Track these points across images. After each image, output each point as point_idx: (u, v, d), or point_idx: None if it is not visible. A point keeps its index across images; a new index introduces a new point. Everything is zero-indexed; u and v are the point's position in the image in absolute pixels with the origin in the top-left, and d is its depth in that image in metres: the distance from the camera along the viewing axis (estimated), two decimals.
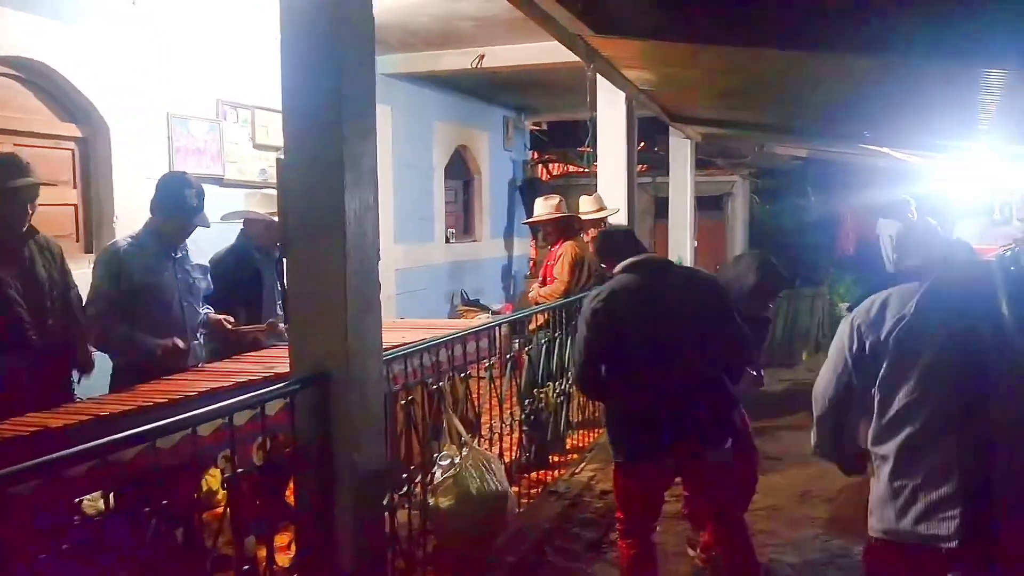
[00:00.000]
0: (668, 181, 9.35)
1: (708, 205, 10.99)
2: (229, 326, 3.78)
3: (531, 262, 11.24)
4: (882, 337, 2.06)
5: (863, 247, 11.50)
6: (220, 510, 4.11)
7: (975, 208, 7.35)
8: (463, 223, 9.83)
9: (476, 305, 9.01)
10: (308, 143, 2.60)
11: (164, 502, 2.17)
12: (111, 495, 2.91)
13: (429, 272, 8.55)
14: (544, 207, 5.55)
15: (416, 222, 8.25)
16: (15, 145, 4.15)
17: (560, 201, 5.55)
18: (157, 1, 4.74)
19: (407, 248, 8.01)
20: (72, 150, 4.57)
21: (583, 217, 5.77)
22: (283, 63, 2.57)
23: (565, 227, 5.49)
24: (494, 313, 8.83)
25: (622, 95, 6.21)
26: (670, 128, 8.76)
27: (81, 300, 3.35)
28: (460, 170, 9.64)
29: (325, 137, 2.55)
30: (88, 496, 2.89)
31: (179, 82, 4.99)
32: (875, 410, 2.07)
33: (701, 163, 10.08)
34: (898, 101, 4.27)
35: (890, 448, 2.05)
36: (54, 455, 1.81)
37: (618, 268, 3.19)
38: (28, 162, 3.13)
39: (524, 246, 11.25)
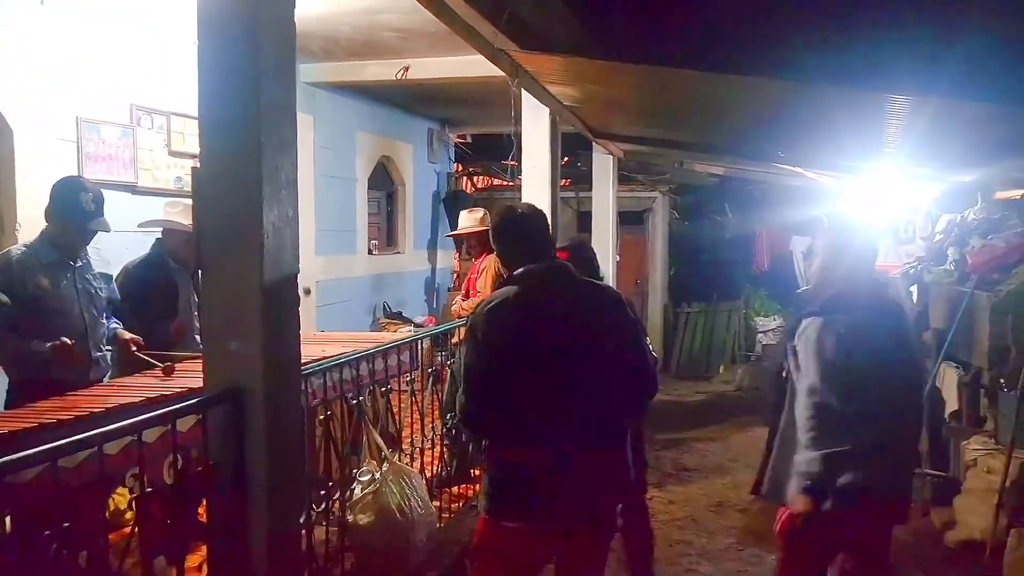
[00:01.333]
0: (591, 196, 9.49)
1: (630, 220, 11.20)
2: (135, 348, 3.64)
3: (454, 275, 11.22)
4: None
5: (777, 263, 11.93)
6: (128, 531, 3.97)
7: (882, 227, 7.72)
8: (386, 235, 9.74)
9: (399, 318, 8.94)
10: (225, 153, 2.54)
11: (66, 525, 2.07)
12: (6, 518, 2.78)
13: (351, 284, 8.44)
14: (468, 220, 5.56)
15: (338, 234, 8.14)
16: None
17: (484, 214, 5.56)
18: (68, 1, 4.55)
19: (328, 260, 7.89)
20: None
21: None
22: (199, 69, 2.51)
23: (489, 240, 5.49)
24: (417, 326, 8.77)
25: (546, 110, 6.28)
26: (593, 144, 8.89)
27: None
28: (383, 181, 9.57)
29: (242, 147, 2.50)
30: None
31: (90, 85, 4.80)
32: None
33: (623, 178, 10.28)
34: (810, 123, 4.44)
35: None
36: None
37: (515, 274, 2.67)
38: None
39: (448, 258, 11.23)
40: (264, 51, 2.50)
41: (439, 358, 6.08)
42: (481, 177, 13.10)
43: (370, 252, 8.96)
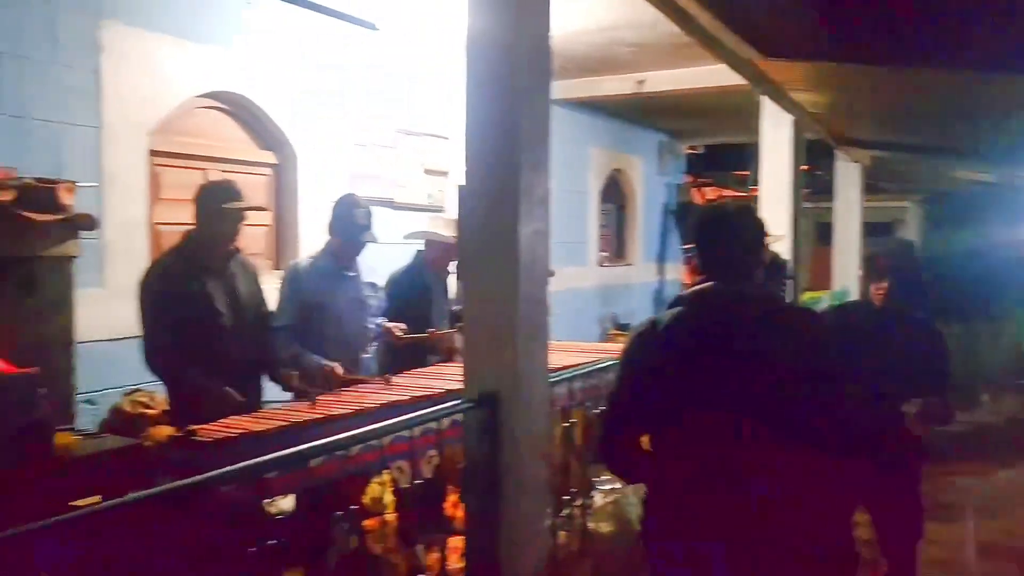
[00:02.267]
0: (830, 206, 8.98)
1: (876, 232, 10.44)
2: (400, 333, 3.97)
3: (683, 287, 11.07)
4: None
5: None
6: (387, 518, 4.32)
7: None
8: (615, 247, 9.83)
9: (627, 329, 8.97)
10: (486, 172, 2.70)
11: (353, 507, 2.32)
12: (294, 499, 3.14)
13: (581, 295, 8.60)
14: None
15: (569, 245, 8.34)
16: (222, 172, 4.58)
17: None
18: (342, 38, 5.09)
19: (560, 271, 8.09)
20: (268, 175, 4.99)
21: None
22: (468, 98, 2.69)
23: None
24: None
25: (788, 118, 6.06)
26: (836, 152, 8.43)
27: (269, 317, 3.63)
28: (614, 194, 9.67)
29: (502, 167, 2.65)
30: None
31: (360, 112, 5.34)
32: None
33: (869, 187, 9.62)
34: None
35: None
36: (264, 458, 1.98)
37: (683, 294, 2.25)
38: (240, 188, 3.44)
39: (676, 271, 11.10)
40: (522, 76, 2.65)
41: None
42: (712, 188, 12.84)
43: (600, 264, 9.09)
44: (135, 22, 4.02)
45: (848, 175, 8.82)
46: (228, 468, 1.90)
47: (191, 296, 3.25)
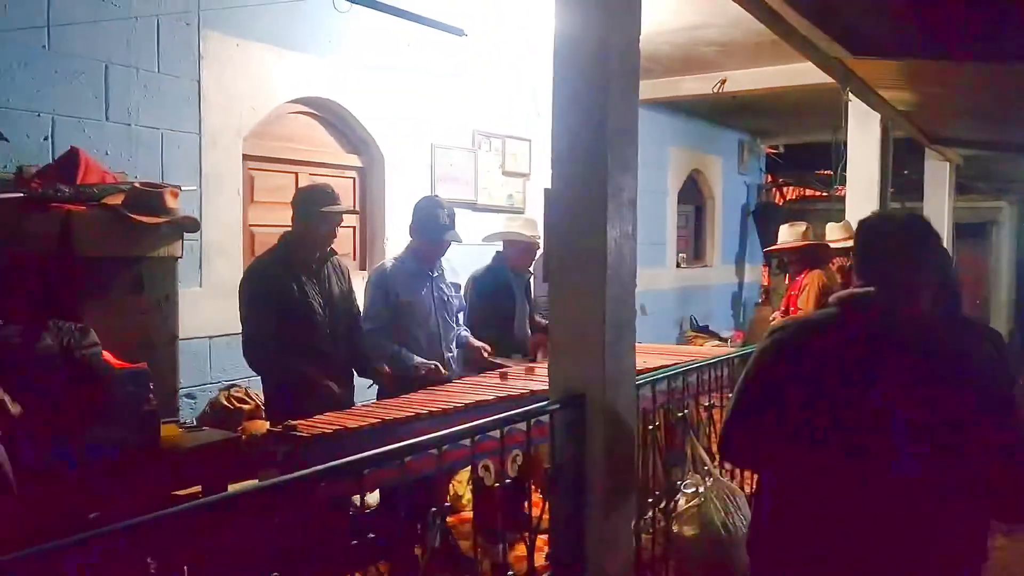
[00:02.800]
0: (920, 206, 8.68)
1: (968, 233, 10.04)
2: (486, 355, 4.02)
3: (762, 289, 10.86)
4: None
5: None
6: (465, 515, 4.39)
7: None
8: (693, 248, 9.72)
9: (705, 332, 8.86)
10: (573, 174, 2.70)
11: (445, 504, 2.37)
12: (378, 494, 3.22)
13: (659, 296, 8.54)
14: (789, 234, 5.37)
15: (648, 247, 8.28)
16: (311, 175, 4.74)
17: (807, 228, 5.35)
18: (427, 42, 5.19)
19: (639, 272, 8.04)
20: (354, 178, 5.13)
21: (831, 245, 5.51)
22: (555, 100, 2.71)
23: (812, 256, 5.27)
24: (724, 340, 8.63)
25: (876, 116, 5.90)
26: (926, 150, 8.14)
27: (360, 317, 3.73)
28: (692, 195, 9.56)
29: (590, 169, 2.65)
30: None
31: (442, 115, 5.43)
32: None
33: (960, 187, 9.27)
34: None
35: None
36: (369, 452, 2.05)
37: (834, 297, 2.08)
38: (336, 191, 3.56)
39: (755, 273, 10.90)
40: (611, 77, 2.65)
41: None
42: (792, 188, 12.55)
43: (678, 265, 9.01)
44: (233, 32, 4.19)
45: (938, 174, 8.52)
46: (332, 464, 1.97)
47: (289, 295, 3.37)
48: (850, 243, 5.50)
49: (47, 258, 3.12)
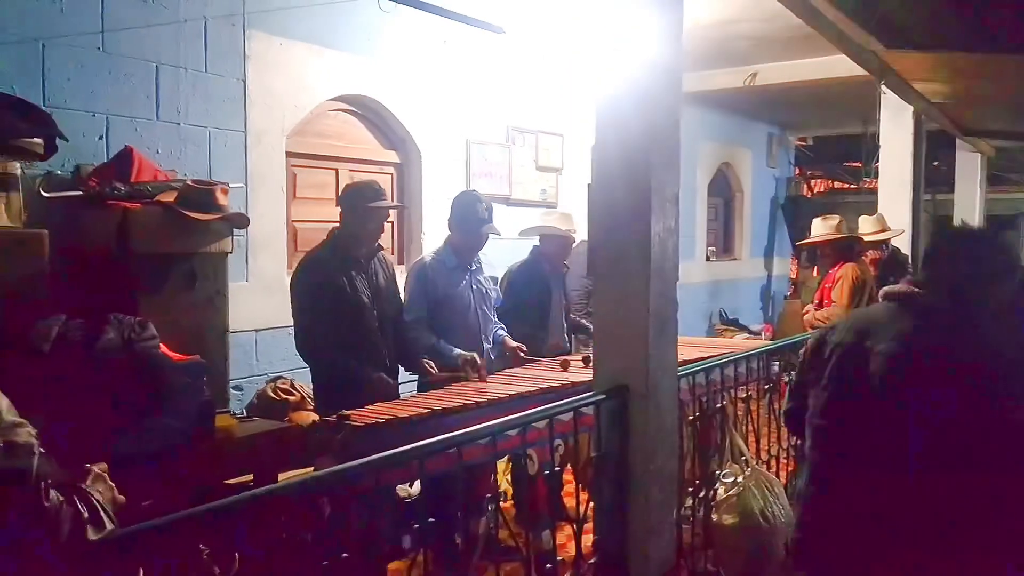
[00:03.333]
0: (950, 198, 8.64)
1: (1000, 224, 9.96)
2: (522, 354, 4.09)
3: (791, 283, 10.84)
4: None
5: None
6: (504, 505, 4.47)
7: None
8: (723, 241, 9.73)
9: (735, 325, 8.88)
10: (617, 170, 2.75)
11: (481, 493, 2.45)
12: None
13: (689, 290, 8.55)
14: (823, 227, 5.39)
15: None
16: (350, 171, 4.83)
17: (840, 221, 5.36)
18: (462, 39, 5.26)
19: None
20: (392, 174, 5.22)
21: (865, 238, 5.52)
22: (599, 97, 2.76)
23: (845, 248, 5.28)
24: (753, 333, 8.65)
25: (910, 109, 5.90)
26: (957, 142, 8.10)
27: (403, 310, 3.82)
28: (722, 188, 9.57)
29: (633, 165, 2.70)
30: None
31: (476, 111, 5.51)
32: None
33: (993, 179, 9.19)
34: None
35: None
36: (419, 443, 2.13)
37: (881, 292, 2.21)
38: (383, 188, 3.64)
39: (784, 266, 10.88)
40: (655, 73, 2.70)
41: (775, 368, 5.95)
42: (821, 181, 12.50)
43: (707, 259, 9.03)
44: (277, 31, 4.28)
45: (969, 166, 8.48)
46: (394, 451, 2.05)
47: (340, 288, 3.45)
48: (883, 235, 5.52)
49: (106, 254, 3.23)
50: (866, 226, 5.65)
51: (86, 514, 1.44)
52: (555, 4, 5.07)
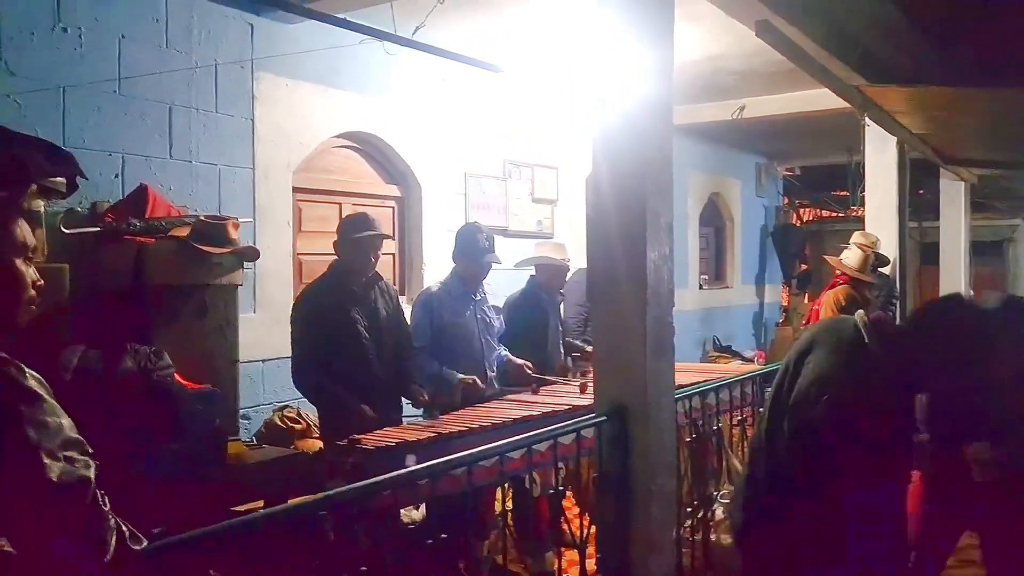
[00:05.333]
0: (936, 225, 8.82)
1: (985, 251, 10.16)
2: (528, 371, 4.20)
3: (783, 309, 11.00)
4: None
5: None
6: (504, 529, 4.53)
7: None
8: (714, 269, 9.90)
9: (728, 352, 9.00)
10: (612, 201, 2.88)
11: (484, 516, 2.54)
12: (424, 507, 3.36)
13: (681, 317, 8.62)
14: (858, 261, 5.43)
15: None
16: (353, 205, 4.98)
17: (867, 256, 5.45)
18: (460, 78, 5.45)
19: None
20: (393, 208, 5.38)
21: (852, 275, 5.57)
22: (596, 130, 2.90)
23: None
24: (747, 360, 8.76)
25: (893, 140, 6.07)
26: (941, 170, 8.30)
27: (411, 338, 3.92)
28: (713, 217, 9.76)
29: (628, 196, 2.83)
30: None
31: (474, 146, 5.69)
32: None
33: (977, 206, 9.40)
34: None
35: None
36: (430, 463, 2.23)
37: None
38: (374, 218, 3.77)
39: (776, 293, 11.05)
40: (648, 107, 2.85)
41: (767, 393, 6.04)
42: (809, 209, 12.72)
43: (700, 286, 9.18)
44: (284, 73, 4.46)
45: (953, 194, 8.64)
46: (403, 470, 2.16)
47: (335, 320, 3.56)
48: (864, 277, 5.52)
49: (122, 287, 3.35)
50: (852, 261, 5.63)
51: (126, 530, 1.54)
52: (549, 44, 5.27)
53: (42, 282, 1.51)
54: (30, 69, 3.42)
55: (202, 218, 3.59)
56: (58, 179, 3.06)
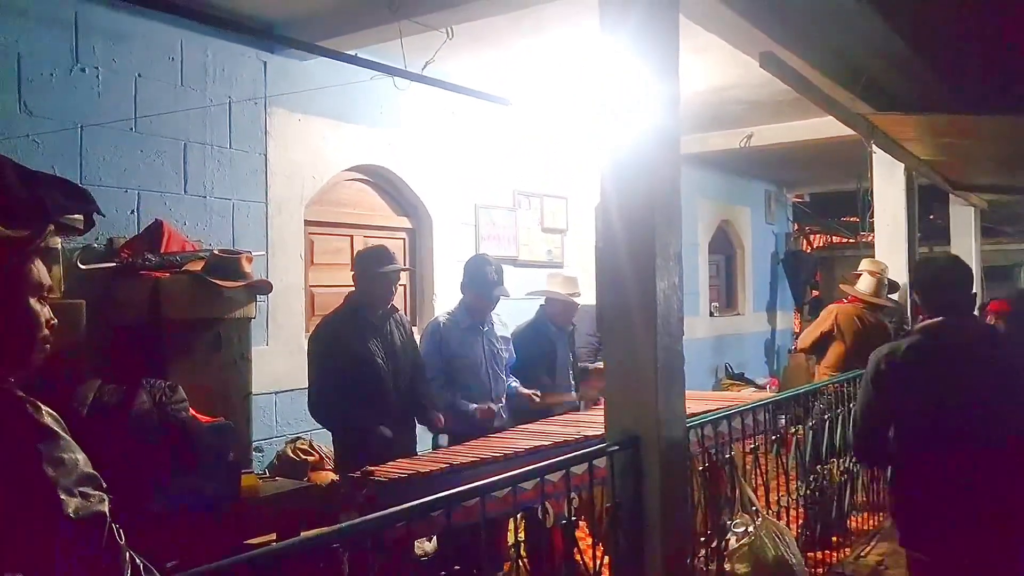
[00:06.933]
0: (946, 251, 8.80)
1: (996, 277, 10.13)
2: (537, 399, 4.21)
3: (795, 336, 10.96)
4: None
5: None
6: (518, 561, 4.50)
7: None
8: (725, 297, 9.89)
9: (741, 379, 8.97)
10: (622, 232, 2.90)
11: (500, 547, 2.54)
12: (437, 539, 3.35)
13: (693, 345, 8.63)
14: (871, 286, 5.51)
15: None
16: (364, 237, 5.03)
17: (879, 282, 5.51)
18: (469, 111, 5.52)
19: None
20: (404, 239, 5.43)
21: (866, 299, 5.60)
22: (604, 161, 2.94)
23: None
24: (759, 387, 8.72)
25: (900, 166, 6.10)
26: (950, 196, 8.31)
27: (424, 368, 3.95)
28: (722, 245, 9.78)
29: (637, 226, 2.85)
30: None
31: (484, 177, 5.75)
32: None
33: (987, 231, 9.39)
34: None
35: None
36: (445, 493, 2.24)
37: (917, 327, 2.92)
38: (393, 252, 3.82)
39: (787, 319, 11.02)
40: (655, 138, 2.88)
41: (782, 422, 6.01)
42: (818, 235, 12.72)
43: (711, 314, 9.17)
44: (296, 108, 4.53)
45: (963, 219, 8.67)
46: (421, 500, 2.16)
47: (353, 351, 3.59)
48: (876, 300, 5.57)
49: (138, 321, 3.39)
50: (865, 286, 5.67)
51: (141, 564, 1.55)
52: (557, 76, 5.34)
53: (56, 321, 1.54)
54: (49, 109, 3.50)
55: (216, 252, 3.63)
56: (76, 216, 3.16)
